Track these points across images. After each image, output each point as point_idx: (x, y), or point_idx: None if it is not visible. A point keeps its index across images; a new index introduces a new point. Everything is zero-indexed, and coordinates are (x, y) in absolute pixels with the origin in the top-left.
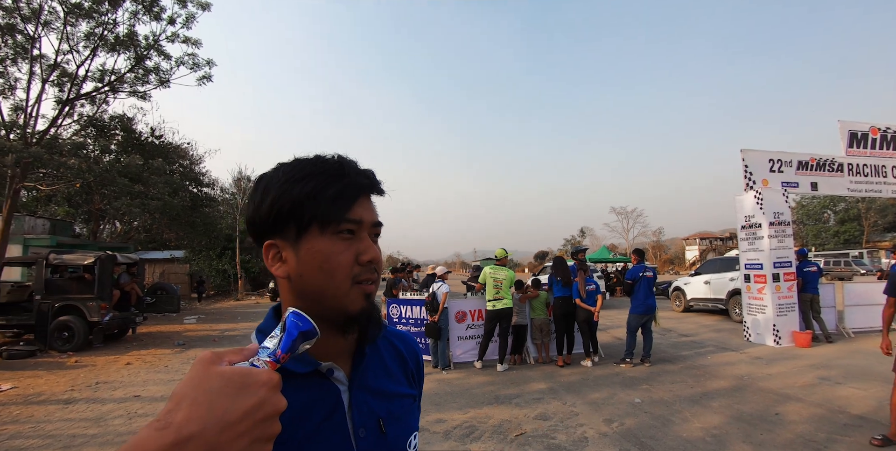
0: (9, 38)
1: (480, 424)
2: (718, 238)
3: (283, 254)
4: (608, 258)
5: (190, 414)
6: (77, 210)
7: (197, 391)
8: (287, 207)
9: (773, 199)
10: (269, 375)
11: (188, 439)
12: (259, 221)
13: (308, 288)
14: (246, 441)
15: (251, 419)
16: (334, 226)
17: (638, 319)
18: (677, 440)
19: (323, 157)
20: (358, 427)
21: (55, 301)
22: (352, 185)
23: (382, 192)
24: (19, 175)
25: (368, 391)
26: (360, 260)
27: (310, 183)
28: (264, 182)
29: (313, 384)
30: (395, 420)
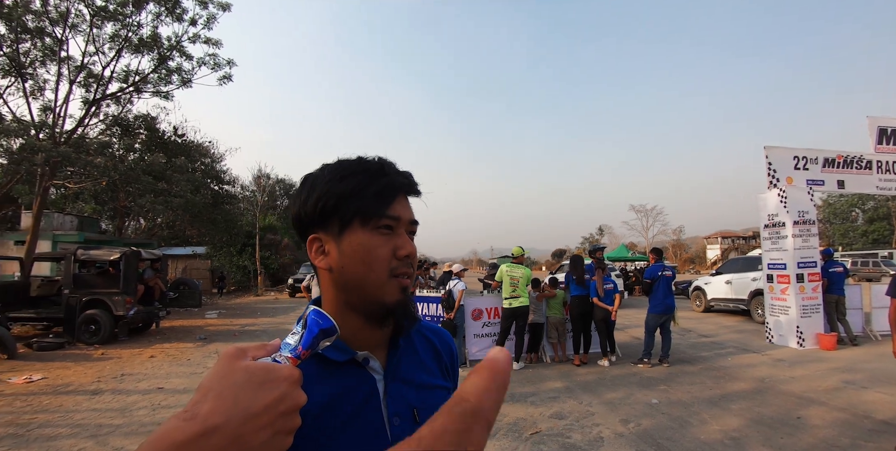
0: (38, 40)
1: (495, 421)
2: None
3: (326, 247)
4: (627, 257)
5: (215, 406)
6: (103, 207)
7: (222, 385)
8: (332, 202)
9: (798, 197)
10: (290, 370)
11: (213, 429)
12: (305, 217)
13: (348, 279)
14: (268, 433)
15: (273, 412)
16: (375, 221)
17: (656, 318)
18: (695, 443)
19: (365, 158)
20: (392, 416)
21: (83, 295)
22: (392, 183)
23: (419, 193)
24: (48, 173)
25: (403, 382)
26: (397, 254)
27: (353, 181)
28: (310, 181)
29: (350, 373)
30: (429, 411)
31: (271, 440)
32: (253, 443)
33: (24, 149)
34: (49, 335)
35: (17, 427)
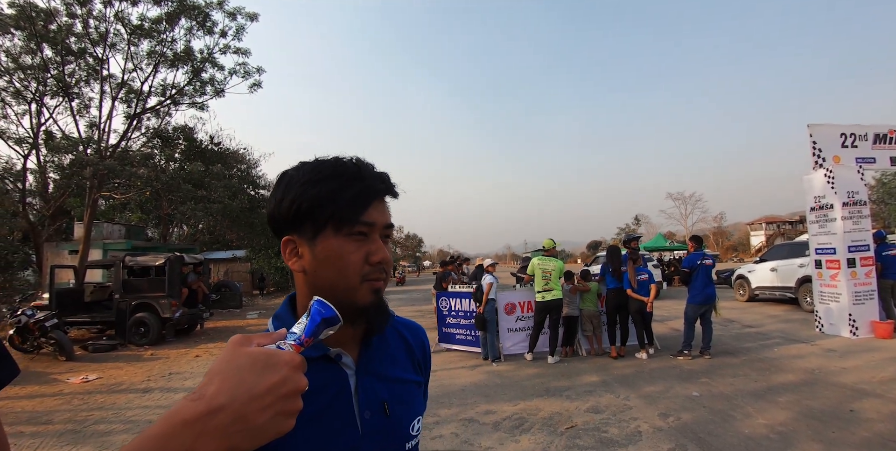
0: (81, 61)
1: (530, 416)
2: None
3: (300, 250)
4: (664, 246)
5: (220, 387)
6: (148, 216)
7: (227, 368)
8: (305, 207)
9: (847, 176)
10: (291, 356)
11: (219, 409)
12: (279, 218)
13: (320, 282)
14: (270, 414)
15: (275, 393)
16: (348, 227)
17: (696, 309)
18: (738, 437)
19: (342, 159)
20: (363, 409)
21: (132, 300)
22: (367, 189)
23: (396, 194)
24: (96, 186)
25: (374, 376)
26: (370, 260)
27: (328, 185)
28: (286, 180)
29: (322, 368)
30: (400, 404)
31: (273, 421)
32: (256, 422)
33: (74, 164)
34: (103, 338)
35: (75, 424)
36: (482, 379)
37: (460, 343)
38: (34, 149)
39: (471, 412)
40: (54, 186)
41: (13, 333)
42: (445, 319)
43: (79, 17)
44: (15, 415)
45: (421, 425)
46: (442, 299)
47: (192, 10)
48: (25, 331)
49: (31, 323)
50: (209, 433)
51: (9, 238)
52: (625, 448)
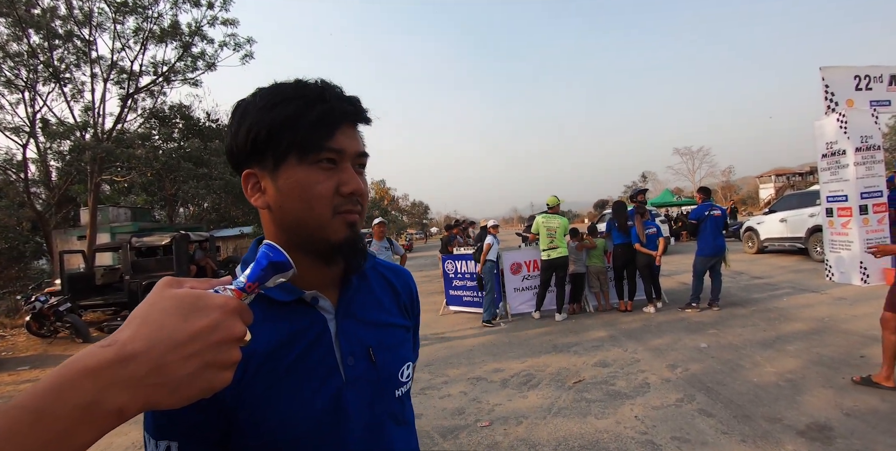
0: (69, 44)
1: (538, 372)
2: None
3: (262, 184)
4: (672, 202)
5: (136, 332)
6: (154, 197)
7: (148, 312)
8: (263, 134)
9: (860, 121)
10: (224, 299)
11: (131, 356)
12: (236, 150)
13: (288, 219)
14: (196, 364)
15: (202, 341)
16: (314, 155)
17: (705, 261)
18: (747, 385)
19: (304, 81)
20: (346, 356)
21: (142, 280)
22: (333, 111)
23: (368, 120)
24: (97, 170)
25: (357, 320)
26: (341, 191)
27: (287, 108)
28: (242, 108)
29: (298, 313)
30: (387, 350)
31: (201, 373)
32: (178, 374)
33: (73, 150)
34: (117, 319)
35: None
36: (490, 339)
37: (468, 305)
38: (32, 137)
39: (479, 370)
40: (57, 173)
41: (30, 319)
42: (452, 281)
43: None
44: None
45: (412, 371)
46: (448, 261)
47: None
48: (41, 317)
49: (46, 309)
50: (118, 384)
51: (18, 229)
52: (632, 400)
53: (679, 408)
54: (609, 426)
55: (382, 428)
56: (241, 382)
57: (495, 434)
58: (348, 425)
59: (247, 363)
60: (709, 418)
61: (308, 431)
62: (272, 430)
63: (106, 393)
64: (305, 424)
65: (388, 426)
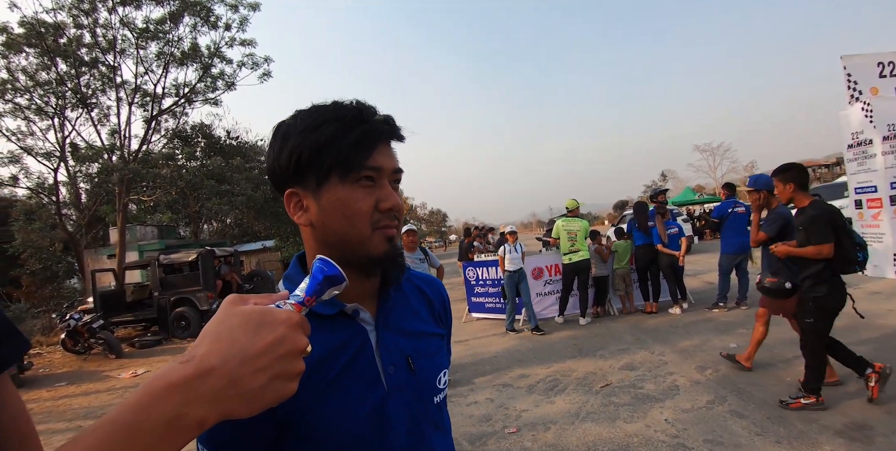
0: (94, 70)
1: (564, 377)
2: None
3: (305, 202)
4: (693, 200)
5: (211, 348)
6: (178, 215)
7: (219, 328)
8: (306, 155)
9: (886, 109)
10: (288, 313)
11: (210, 371)
12: (279, 170)
13: (331, 235)
14: (267, 376)
15: (271, 354)
16: (354, 174)
17: (730, 259)
18: (781, 385)
19: (341, 103)
20: (387, 365)
21: (170, 296)
22: (371, 131)
23: (402, 138)
24: (124, 190)
25: (395, 331)
26: (380, 207)
27: (328, 130)
28: (283, 130)
29: (340, 326)
30: (424, 358)
31: (270, 385)
32: (250, 386)
33: (101, 172)
34: (148, 334)
35: None
36: (514, 345)
37: (490, 311)
38: (62, 161)
39: (505, 377)
40: (86, 195)
41: (64, 337)
42: (474, 288)
43: (86, 27)
44: (73, 411)
45: (447, 378)
46: (469, 269)
47: (194, 6)
48: (75, 334)
49: (80, 326)
50: (200, 397)
51: (51, 250)
52: (662, 403)
53: (710, 410)
54: (639, 430)
55: (423, 435)
56: None
57: (524, 440)
58: (392, 432)
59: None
60: (741, 419)
61: (355, 439)
62: (321, 438)
63: (189, 407)
64: (352, 432)
65: (428, 433)
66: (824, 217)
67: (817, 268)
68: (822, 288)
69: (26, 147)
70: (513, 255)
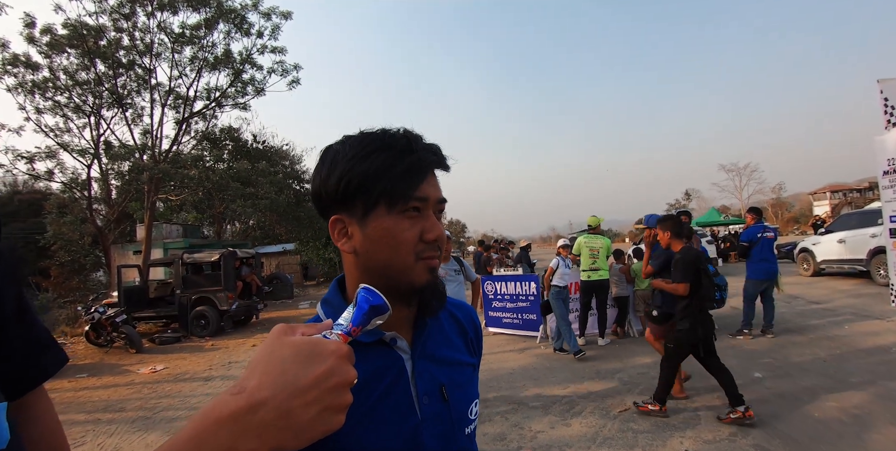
0: (131, 72)
1: (581, 399)
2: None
3: (350, 229)
4: (719, 221)
5: (262, 381)
6: (203, 215)
7: (269, 360)
8: (355, 183)
9: None
10: (337, 345)
11: (261, 404)
12: (325, 196)
13: (373, 263)
14: (317, 409)
15: (321, 387)
16: (402, 204)
17: (756, 285)
18: (808, 421)
19: (389, 131)
20: (422, 395)
21: (192, 294)
22: (420, 161)
23: (448, 168)
24: (153, 189)
25: (430, 360)
26: (424, 238)
27: (378, 159)
28: (331, 155)
29: (378, 354)
30: (457, 388)
31: (320, 417)
32: (301, 419)
33: (132, 170)
34: (168, 331)
35: (145, 411)
36: (531, 362)
37: (507, 327)
38: (96, 158)
39: (520, 395)
40: (116, 192)
41: (88, 329)
42: (491, 303)
43: (125, 30)
44: (93, 404)
45: (478, 409)
46: (487, 282)
47: (229, 13)
48: (99, 327)
49: (104, 320)
50: (251, 430)
51: (80, 243)
52: (682, 432)
53: (733, 443)
54: None
55: None
56: None
57: None
58: None
59: None
60: None
61: None
62: None
63: (240, 440)
64: None
65: None
66: (687, 261)
67: (683, 303)
68: (685, 322)
69: (63, 143)
70: (566, 270)
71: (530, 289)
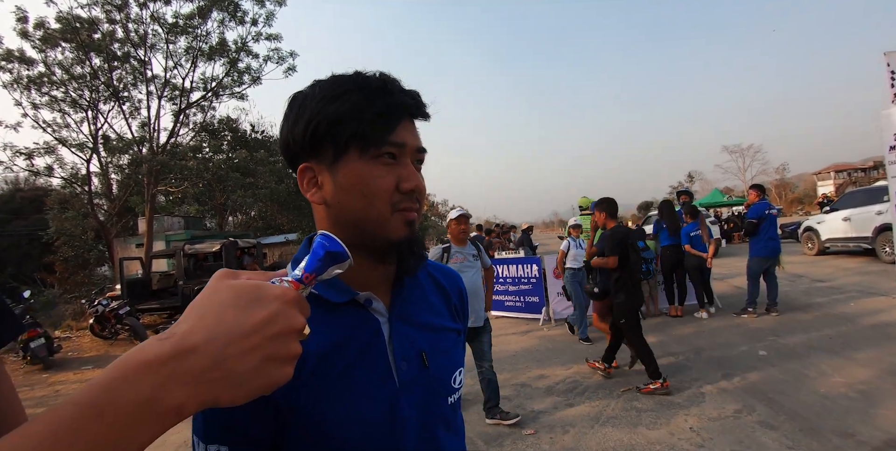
0: (126, 65)
1: (584, 379)
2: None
3: (319, 178)
4: (722, 202)
5: (195, 325)
6: (205, 207)
7: (206, 304)
8: (324, 126)
9: None
10: (283, 289)
11: (191, 349)
12: (293, 143)
13: (346, 215)
14: (257, 358)
15: (262, 333)
16: (375, 149)
17: (761, 263)
18: (813, 396)
19: (364, 73)
20: (399, 360)
21: (194, 285)
22: (396, 104)
23: (427, 116)
24: (153, 182)
25: (409, 324)
26: (401, 187)
27: (349, 100)
28: (299, 100)
29: (351, 315)
30: (439, 354)
31: (263, 368)
32: (239, 369)
33: (132, 163)
34: (171, 322)
35: None
36: (534, 344)
37: (510, 310)
38: (94, 153)
39: (522, 376)
40: (117, 185)
41: (93, 322)
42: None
43: (118, 22)
44: None
45: (463, 377)
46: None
47: (223, 1)
48: (103, 320)
49: (107, 312)
50: (177, 379)
51: (83, 238)
52: (686, 410)
53: (738, 420)
54: (662, 438)
55: (435, 436)
56: (295, 383)
57: (541, 442)
58: (403, 431)
59: (301, 364)
60: (771, 431)
61: (363, 435)
62: (327, 434)
63: (164, 389)
64: (360, 428)
65: (439, 434)
66: (616, 237)
67: (615, 276)
68: (620, 294)
69: (61, 138)
70: (577, 251)
71: (532, 272)
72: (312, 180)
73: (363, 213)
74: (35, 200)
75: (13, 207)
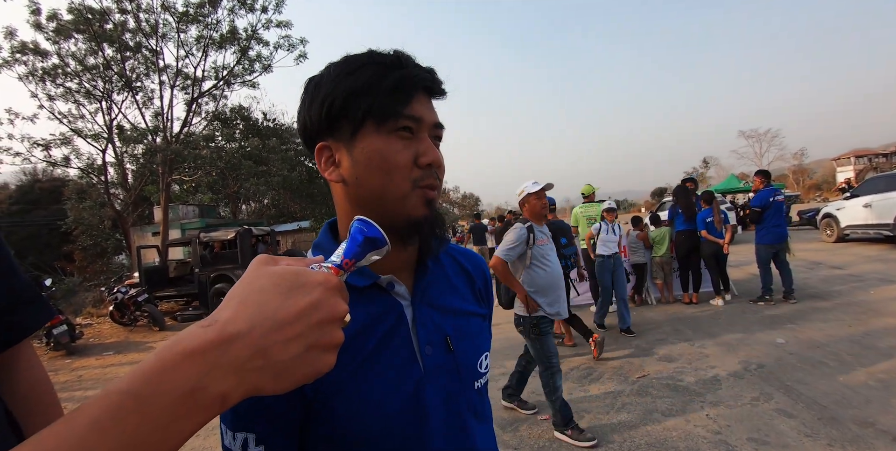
0: (139, 55)
1: (599, 365)
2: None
3: (337, 156)
4: (738, 188)
5: (237, 312)
6: (219, 195)
7: (247, 290)
8: (339, 102)
9: None
10: (325, 275)
11: (235, 337)
12: (310, 123)
13: (364, 192)
14: (300, 346)
15: (305, 321)
16: (391, 122)
17: (767, 249)
18: (833, 385)
19: (377, 50)
20: (424, 344)
21: (210, 272)
22: (410, 77)
23: (444, 92)
24: (167, 171)
25: (433, 307)
26: (419, 162)
27: (364, 75)
28: (314, 82)
29: (374, 299)
30: (465, 338)
31: (305, 357)
32: (282, 357)
33: (146, 153)
34: (189, 309)
35: None
36: None
37: None
38: (109, 143)
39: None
40: (132, 175)
41: (112, 309)
42: None
43: (130, 12)
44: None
45: (489, 362)
46: None
47: None
48: (122, 307)
49: (127, 299)
50: (222, 368)
51: (101, 227)
52: (702, 397)
53: (755, 407)
54: (678, 424)
55: (463, 422)
56: None
57: None
58: (429, 417)
59: None
60: (789, 419)
61: (389, 422)
62: (353, 420)
63: (209, 378)
64: (387, 414)
65: (468, 421)
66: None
67: None
68: None
69: (76, 129)
70: (609, 236)
71: None
72: (330, 159)
73: (382, 189)
74: (53, 191)
75: (32, 198)
